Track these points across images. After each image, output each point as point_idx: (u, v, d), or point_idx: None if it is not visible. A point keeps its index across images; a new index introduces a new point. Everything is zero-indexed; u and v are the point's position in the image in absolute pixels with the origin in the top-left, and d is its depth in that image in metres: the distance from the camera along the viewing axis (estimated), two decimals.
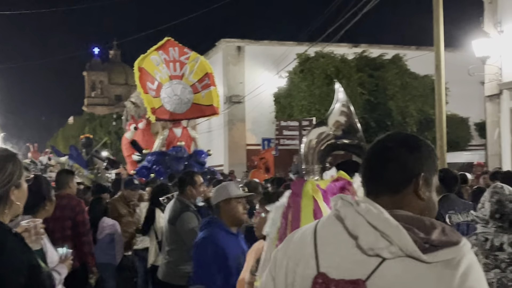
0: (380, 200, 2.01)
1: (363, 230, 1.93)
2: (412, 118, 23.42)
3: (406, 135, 2.19)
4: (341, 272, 1.93)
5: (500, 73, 17.64)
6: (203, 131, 32.65)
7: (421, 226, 1.91)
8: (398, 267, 1.86)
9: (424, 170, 2.05)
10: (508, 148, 17.63)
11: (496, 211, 4.45)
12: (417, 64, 24.26)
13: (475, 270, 1.88)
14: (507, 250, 4.40)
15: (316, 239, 2.06)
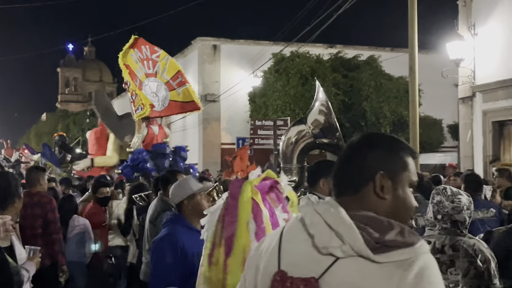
0: (343, 200, 1.99)
1: (319, 229, 1.93)
2: (386, 119, 23.56)
3: (369, 133, 2.17)
4: (299, 270, 1.94)
5: (473, 75, 17.79)
6: (178, 129, 32.54)
7: (377, 226, 1.88)
8: (349, 266, 1.86)
9: (384, 168, 2.00)
10: (480, 150, 17.79)
11: (437, 212, 4.53)
12: (391, 65, 24.42)
13: (431, 272, 1.85)
14: (447, 252, 4.45)
15: (281, 237, 2.07)
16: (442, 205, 4.51)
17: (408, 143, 2.15)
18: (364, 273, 1.84)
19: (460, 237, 4.46)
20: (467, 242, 4.44)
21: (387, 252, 1.84)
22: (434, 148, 26.09)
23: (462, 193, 4.65)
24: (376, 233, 1.86)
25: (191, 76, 31.82)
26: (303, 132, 4.67)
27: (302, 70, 23.15)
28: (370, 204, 1.98)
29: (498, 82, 16.60)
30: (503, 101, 16.70)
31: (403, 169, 2.05)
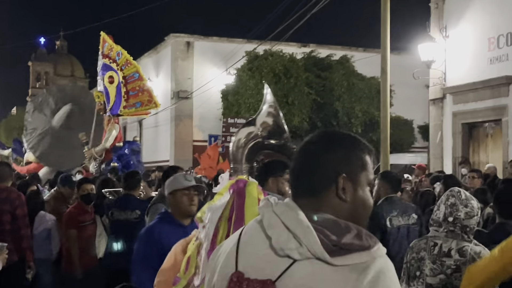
0: (301, 202, 1.96)
1: (277, 230, 1.90)
2: (357, 119, 23.70)
3: (325, 133, 2.12)
4: (256, 272, 1.91)
5: (444, 77, 17.98)
6: (150, 126, 32.40)
7: (334, 228, 1.86)
8: (306, 269, 1.83)
9: (346, 170, 1.97)
10: (449, 151, 17.99)
11: (450, 214, 4.48)
12: (364, 65, 24.57)
13: (386, 276, 1.83)
14: (454, 257, 4.43)
15: (240, 239, 2.04)
16: (456, 208, 4.46)
17: (365, 141, 2.12)
18: (320, 276, 1.82)
19: (467, 243, 4.44)
20: (474, 249, 4.43)
21: (344, 255, 1.82)
22: (404, 149, 26.27)
23: (474, 198, 4.62)
24: (334, 236, 1.84)
25: (164, 72, 31.74)
26: (252, 134, 4.70)
27: (275, 69, 23.18)
28: (331, 206, 1.95)
29: (468, 84, 16.80)
30: (473, 103, 16.91)
31: (363, 168, 2.02)
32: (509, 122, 15.71)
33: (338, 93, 23.68)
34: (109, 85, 15.65)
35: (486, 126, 17.19)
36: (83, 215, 8.39)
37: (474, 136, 17.67)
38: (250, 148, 5.08)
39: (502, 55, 15.92)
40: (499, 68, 15.89)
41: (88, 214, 8.48)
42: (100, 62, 15.72)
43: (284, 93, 22.84)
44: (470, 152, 17.50)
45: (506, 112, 15.80)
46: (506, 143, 15.84)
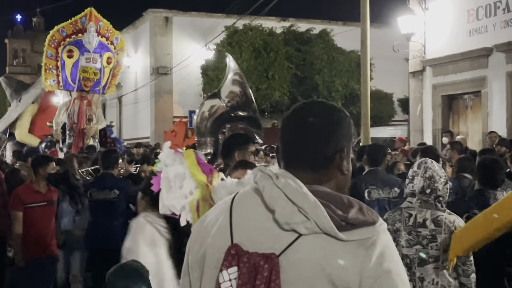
0: (300, 175, 1.93)
1: (280, 203, 1.86)
2: (337, 92, 23.69)
3: (320, 103, 2.09)
4: (255, 245, 1.87)
5: (424, 50, 18.00)
6: (129, 102, 32.21)
7: (338, 203, 1.86)
8: (313, 244, 1.81)
9: (347, 144, 1.99)
10: (429, 123, 18.07)
11: (427, 186, 4.54)
12: (343, 39, 24.50)
13: (391, 251, 1.86)
14: (429, 227, 4.51)
15: (232, 210, 1.99)
16: (434, 180, 4.54)
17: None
18: (328, 251, 1.81)
19: (441, 212, 4.52)
20: (448, 218, 4.52)
21: (351, 230, 1.81)
22: (384, 122, 26.35)
23: (442, 169, 4.73)
24: (339, 211, 1.84)
25: (142, 48, 31.48)
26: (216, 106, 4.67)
27: (255, 43, 23.06)
28: (329, 179, 1.96)
29: (448, 56, 16.84)
30: (452, 75, 16.97)
31: (350, 139, 2.04)
32: (489, 94, 15.79)
33: (318, 67, 23.63)
34: (106, 66, 15.50)
35: (465, 98, 17.28)
36: (31, 195, 7.51)
37: (454, 108, 17.76)
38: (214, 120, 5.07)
39: (481, 27, 15.96)
40: (478, 40, 15.93)
41: (41, 195, 7.58)
42: (95, 39, 15.40)
43: (264, 68, 22.76)
44: (450, 124, 17.60)
45: (486, 83, 15.87)
46: (486, 115, 15.93)
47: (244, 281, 1.84)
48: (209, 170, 3.65)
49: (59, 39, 15.15)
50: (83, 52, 15.16)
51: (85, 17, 15.25)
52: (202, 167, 3.66)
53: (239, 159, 4.98)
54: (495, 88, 15.60)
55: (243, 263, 1.85)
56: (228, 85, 4.93)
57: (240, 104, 5.26)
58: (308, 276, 1.80)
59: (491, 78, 15.73)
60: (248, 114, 5.21)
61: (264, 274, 1.82)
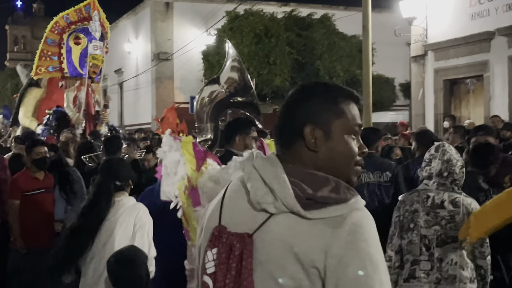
0: (281, 155, 1.97)
1: (255, 184, 1.90)
2: (339, 78, 23.61)
3: (302, 85, 2.10)
4: (237, 226, 1.91)
5: (426, 34, 17.94)
6: (130, 88, 32.17)
7: (312, 182, 1.85)
8: (282, 223, 1.83)
9: (315, 120, 1.94)
10: (431, 108, 18.05)
11: (445, 169, 4.60)
12: (345, 24, 24.40)
13: (364, 229, 1.81)
14: (447, 208, 4.56)
15: (225, 193, 2.05)
16: (451, 163, 4.60)
17: (349, 89, 2.07)
18: (295, 229, 1.81)
19: (458, 195, 4.58)
20: (466, 200, 4.58)
21: (319, 208, 1.80)
22: (386, 107, 26.31)
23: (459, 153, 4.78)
24: (310, 189, 1.83)
25: (143, 34, 31.39)
26: (216, 92, 4.65)
27: (256, 29, 22.96)
28: (303, 158, 1.95)
29: (449, 40, 16.79)
30: (454, 60, 16.92)
31: (337, 117, 1.97)
32: (491, 78, 15.76)
33: (319, 52, 23.54)
34: (105, 55, 15.52)
35: (467, 82, 17.24)
36: (29, 182, 7.29)
37: (455, 92, 17.72)
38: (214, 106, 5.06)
39: (483, 11, 15.89)
40: (480, 24, 15.87)
41: (38, 181, 7.35)
42: (99, 28, 15.36)
43: (265, 53, 22.69)
44: (452, 109, 17.57)
45: (488, 67, 15.83)
46: (488, 99, 15.90)
47: (221, 260, 1.89)
48: (202, 156, 3.68)
49: (64, 26, 15.10)
50: (91, 39, 15.12)
51: (88, 5, 15.21)
52: (196, 154, 3.69)
53: (240, 144, 4.97)
54: (497, 72, 15.57)
55: (222, 244, 1.90)
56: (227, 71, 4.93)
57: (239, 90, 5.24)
58: (277, 255, 1.81)
59: (493, 62, 15.69)
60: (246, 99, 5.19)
61: (235, 253, 1.86)
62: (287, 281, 1.80)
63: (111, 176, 4.68)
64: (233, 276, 1.86)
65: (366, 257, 1.77)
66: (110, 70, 34.64)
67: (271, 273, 1.82)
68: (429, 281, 4.52)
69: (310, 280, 1.78)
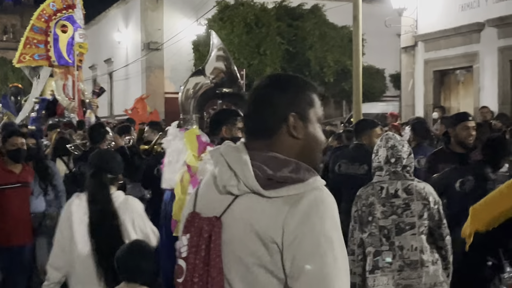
0: (255, 144, 2.06)
1: (221, 169, 2.02)
2: (329, 68, 23.62)
3: (274, 76, 2.26)
4: (209, 210, 2.03)
5: (416, 25, 17.97)
6: (120, 78, 32.07)
7: (272, 163, 1.95)
8: (245, 203, 1.94)
9: (295, 109, 2.06)
10: (421, 99, 18.10)
11: (391, 156, 4.70)
12: (335, 14, 24.37)
13: (320, 206, 1.90)
14: (401, 196, 4.67)
15: (202, 182, 2.21)
16: (397, 149, 4.70)
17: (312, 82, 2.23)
18: (256, 208, 1.92)
19: (410, 181, 4.67)
20: (418, 185, 4.70)
21: (278, 188, 1.90)
22: (376, 97, 26.30)
23: (405, 140, 4.90)
24: (270, 170, 1.93)
25: (133, 23, 31.26)
26: (201, 83, 4.66)
27: (247, 19, 22.92)
28: (284, 145, 2.04)
29: (439, 31, 16.82)
30: (444, 51, 16.95)
31: (311, 106, 2.11)
32: (480, 69, 15.81)
33: (310, 42, 23.53)
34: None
35: (457, 73, 17.29)
36: (3, 176, 6.72)
37: (445, 83, 17.78)
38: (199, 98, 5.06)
39: (474, 2, 15.92)
40: (470, 15, 15.90)
41: (14, 175, 6.78)
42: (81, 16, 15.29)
43: (256, 43, 22.66)
44: (442, 99, 17.63)
45: (477, 59, 15.88)
46: (477, 90, 15.96)
47: (192, 244, 2.01)
48: (203, 148, 3.72)
49: (50, 13, 15.04)
50: (76, 28, 15.08)
51: None
52: (199, 143, 3.72)
53: (227, 134, 5.00)
54: (486, 64, 15.61)
55: (194, 228, 2.03)
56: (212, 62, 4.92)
57: (225, 80, 5.23)
58: (240, 234, 1.93)
59: (483, 53, 15.74)
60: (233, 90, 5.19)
61: (204, 235, 1.98)
62: (249, 258, 1.91)
63: (104, 168, 4.63)
64: (202, 257, 1.97)
65: (320, 234, 1.86)
66: (100, 60, 34.51)
67: (235, 252, 1.94)
68: (392, 269, 4.63)
69: (271, 255, 1.88)
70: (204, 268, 1.96)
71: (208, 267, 1.95)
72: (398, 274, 4.61)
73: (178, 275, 2.07)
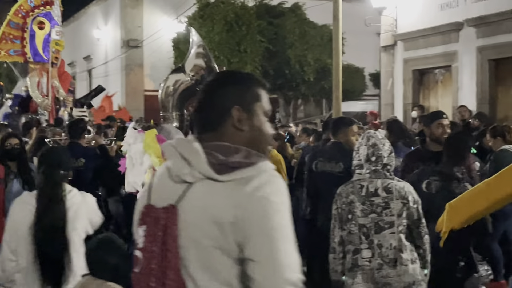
0: (203, 136, 2.17)
1: (174, 160, 2.13)
2: (309, 67, 23.66)
3: (221, 72, 2.55)
4: (163, 201, 2.11)
5: (395, 24, 18.03)
6: (100, 75, 31.87)
7: (224, 151, 2.07)
8: (200, 189, 2.04)
9: (239, 102, 2.17)
10: (400, 98, 18.18)
11: (372, 154, 4.74)
12: (316, 13, 24.40)
13: (270, 187, 2.01)
14: (381, 195, 4.71)
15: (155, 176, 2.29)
16: (377, 147, 4.73)
17: (260, 77, 2.37)
18: (210, 193, 2.03)
19: (390, 180, 4.68)
20: (398, 184, 4.75)
21: (231, 172, 2.03)
22: (356, 96, 26.41)
23: (386, 139, 4.91)
24: (222, 156, 2.05)
25: (113, 21, 31.09)
26: (181, 80, 4.65)
27: (227, 17, 22.87)
28: (230, 137, 2.15)
29: (419, 30, 16.90)
30: (423, 50, 17.04)
31: (256, 100, 2.22)
32: (459, 68, 15.91)
33: (290, 41, 23.55)
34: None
35: (436, 72, 17.38)
36: None
37: (424, 82, 17.86)
38: (179, 95, 5.02)
39: (453, 1, 16.01)
40: (449, 14, 15.99)
41: None
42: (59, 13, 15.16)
43: (236, 41, 22.62)
44: (421, 98, 17.72)
45: (456, 58, 15.98)
46: (456, 89, 16.06)
47: (149, 233, 2.10)
48: None
49: (28, 9, 14.90)
50: (53, 25, 14.94)
51: None
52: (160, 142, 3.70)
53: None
54: (465, 63, 15.71)
55: (149, 218, 2.12)
56: (192, 59, 4.90)
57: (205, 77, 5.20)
58: (196, 218, 2.02)
59: (461, 53, 15.83)
60: None
61: (161, 223, 2.06)
62: (206, 241, 2.00)
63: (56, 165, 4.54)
64: (159, 244, 2.06)
65: (269, 212, 1.98)
66: (79, 57, 34.30)
67: (192, 236, 2.02)
68: (371, 267, 4.67)
69: (226, 236, 1.99)
70: (161, 254, 2.05)
71: (165, 253, 2.04)
72: (378, 272, 4.65)
73: (135, 266, 2.15)
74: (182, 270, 2.03)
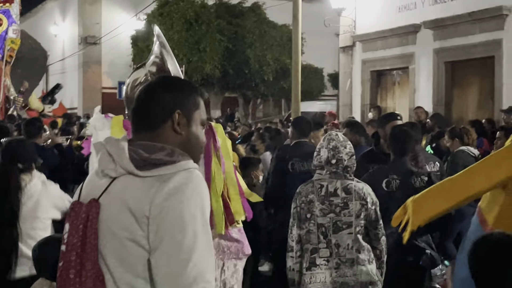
0: (141, 136, 2.25)
1: (101, 156, 2.22)
2: (269, 66, 23.71)
3: (164, 77, 2.52)
4: (89, 197, 2.20)
5: (354, 25, 18.17)
6: (56, 72, 31.44)
7: (148, 148, 2.16)
8: (120, 183, 2.14)
9: (181, 108, 2.27)
10: (358, 98, 18.32)
11: (332, 157, 4.75)
12: (275, 13, 24.47)
13: (189, 186, 2.10)
14: (340, 195, 4.74)
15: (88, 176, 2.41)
16: (338, 150, 4.75)
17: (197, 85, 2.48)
18: (130, 187, 2.11)
19: (350, 181, 4.72)
20: (357, 185, 4.78)
21: (152, 168, 2.11)
22: (314, 96, 26.56)
23: (348, 141, 4.91)
24: (146, 154, 2.14)
25: (70, 17, 30.69)
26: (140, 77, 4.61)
27: (186, 15, 22.77)
28: (167, 139, 2.23)
29: (377, 32, 17.05)
30: (381, 51, 17.20)
31: (196, 108, 2.33)
32: (416, 70, 16.09)
33: (250, 40, 23.56)
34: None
35: (393, 73, 17.55)
36: None
37: (382, 83, 18.03)
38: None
39: (410, 4, 16.19)
40: (407, 16, 16.17)
41: None
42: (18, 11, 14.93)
43: (196, 40, 22.54)
44: (378, 99, 17.88)
45: (413, 60, 16.17)
46: (413, 90, 16.25)
47: (72, 226, 2.18)
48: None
49: None
50: (11, 23, 14.70)
51: None
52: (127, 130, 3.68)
53: None
54: (422, 65, 15.91)
55: (74, 213, 2.21)
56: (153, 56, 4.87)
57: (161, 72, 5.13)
58: (115, 211, 2.10)
59: (418, 55, 16.02)
60: None
61: (82, 216, 2.15)
62: (122, 233, 2.07)
63: (13, 158, 4.50)
64: (80, 236, 2.13)
65: (185, 210, 2.06)
66: None
67: (110, 228, 2.10)
68: (329, 267, 4.71)
69: (142, 229, 2.06)
70: (81, 246, 2.12)
71: (85, 245, 2.12)
72: (335, 271, 4.69)
73: (60, 260, 2.23)
74: (100, 261, 2.10)
